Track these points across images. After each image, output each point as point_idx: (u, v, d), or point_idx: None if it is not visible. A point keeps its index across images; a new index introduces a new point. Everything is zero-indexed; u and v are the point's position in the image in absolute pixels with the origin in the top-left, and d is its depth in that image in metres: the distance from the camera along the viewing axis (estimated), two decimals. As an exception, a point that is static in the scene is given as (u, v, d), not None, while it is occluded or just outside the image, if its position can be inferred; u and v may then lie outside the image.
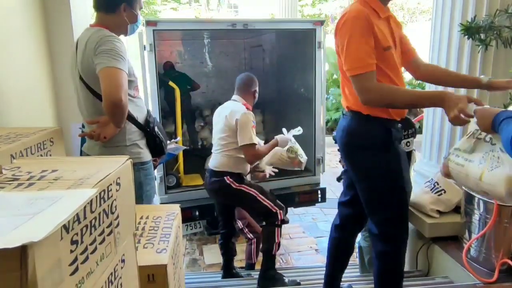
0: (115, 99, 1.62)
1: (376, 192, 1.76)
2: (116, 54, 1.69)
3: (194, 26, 3.71)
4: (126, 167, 0.94)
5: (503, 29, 2.24)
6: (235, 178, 2.70)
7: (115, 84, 1.63)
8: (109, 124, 1.74)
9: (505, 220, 2.17)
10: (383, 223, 1.79)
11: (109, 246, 0.84)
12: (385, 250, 1.82)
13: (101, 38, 1.71)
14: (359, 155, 1.75)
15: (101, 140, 1.76)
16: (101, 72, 1.66)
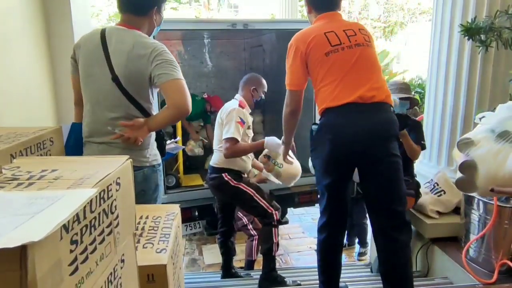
0: (187, 109, 1.72)
1: (402, 181, 1.91)
2: (177, 66, 1.75)
3: (194, 26, 3.71)
4: (126, 167, 0.94)
5: (503, 30, 2.24)
6: (233, 175, 2.71)
7: (186, 96, 1.72)
8: (142, 127, 1.73)
9: (505, 221, 2.17)
10: (404, 213, 1.90)
11: (109, 246, 0.84)
12: (407, 240, 1.93)
13: (155, 46, 1.73)
14: (396, 146, 1.92)
15: (137, 143, 1.73)
16: (168, 83, 1.70)
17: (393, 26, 19.71)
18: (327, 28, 1.93)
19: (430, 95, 2.94)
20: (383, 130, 1.85)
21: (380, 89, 1.89)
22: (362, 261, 3.76)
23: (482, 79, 2.59)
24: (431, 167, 2.93)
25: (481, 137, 1.46)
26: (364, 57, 1.90)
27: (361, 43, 1.91)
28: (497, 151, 1.35)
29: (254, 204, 2.70)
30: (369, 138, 1.82)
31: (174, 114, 1.72)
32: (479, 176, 1.40)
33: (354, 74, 1.86)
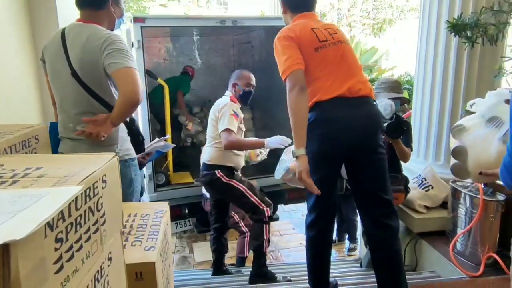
0: (137, 99, 1.67)
1: (388, 171, 1.94)
2: (129, 55, 1.73)
3: (183, 22, 3.69)
4: (112, 164, 0.93)
5: (488, 27, 2.27)
6: (226, 172, 2.71)
7: (137, 85, 1.68)
8: (106, 122, 1.72)
9: (491, 215, 2.21)
10: (392, 200, 1.94)
11: (95, 244, 0.83)
12: (398, 225, 1.97)
13: (108, 37, 1.71)
14: (381, 136, 1.96)
15: (100, 138, 1.72)
16: (118, 72, 1.67)
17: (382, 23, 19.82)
18: (311, 25, 1.94)
19: (417, 92, 2.97)
20: (371, 123, 1.88)
21: (366, 83, 1.93)
22: (352, 256, 3.79)
23: (468, 75, 2.62)
24: (419, 162, 2.96)
25: (472, 123, 1.49)
26: (347, 53, 1.93)
27: (342, 40, 1.95)
28: (485, 135, 1.38)
29: (245, 200, 2.71)
30: (360, 132, 1.84)
31: (124, 103, 1.68)
32: (469, 161, 1.43)
33: (342, 68, 1.89)
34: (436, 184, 2.68)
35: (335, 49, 1.90)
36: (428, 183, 2.69)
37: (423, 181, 2.71)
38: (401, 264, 1.92)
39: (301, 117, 1.77)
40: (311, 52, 1.86)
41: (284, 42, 1.87)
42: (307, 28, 1.90)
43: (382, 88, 2.53)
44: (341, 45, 1.92)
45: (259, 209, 2.70)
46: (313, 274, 2.04)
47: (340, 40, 1.93)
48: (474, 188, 2.30)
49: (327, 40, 1.89)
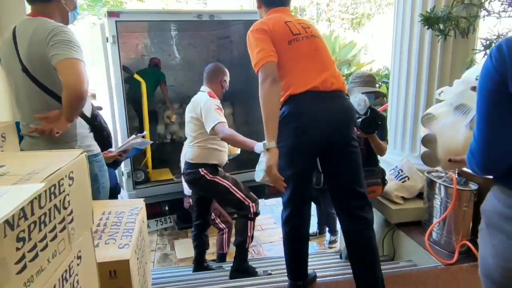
0: (81, 91, 1.59)
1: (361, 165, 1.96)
2: (74, 45, 1.66)
3: (159, 17, 3.63)
4: (80, 161, 0.91)
5: (460, 20, 2.32)
6: (209, 169, 2.69)
7: (80, 75, 1.60)
8: (60, 118, 1.67)
9: (464, 204, 2.26)
10: (366, 192, 1.95)
11: (63, 243, 0.81)
12: (372, 216, 1.96)
13: (53, 28, 1.65)
14: (354, 130, 1.99)
15: (53, 135, 1.68)
16: (61, 63, 1.61)
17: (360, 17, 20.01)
18: (285, 19, 1.92)
19: (393, 84, 3.01)
20: (344, 117, 1.89)
21: (338, 78, 1.93)
22: (333, 248, 3.84)
23: (442, 67, 2.67)
24: (396, 154, 3.01)
25: (441, 111, 1.52)
26: (321, 47, 1.94)
27: (315, 35, 1.94)
28: (453, 123, 1.41)
29: (230, 197, 2.69)
30: (333, 125, 1.84)
31: (68, 96, 1.61)
32: (438, 148, 1.46)
33: (316, 62, 1.89)
34: (412, 175, 2.73)
35: (309, 42, 1.89)
36: (404, 174, 2.73)
37: (399, 172, 2.76)
38: (376, 256, 1.93)
39: (272, 109, 1.77)
40: (284, 45, 1.85)
41: (257, 35, 1.85)
42: (281, 22, 1.89)
43: (356, 82, 2.53)
44: (314, 39, 1.92)
45: (244, 205, 2.69)
46: (291, 268, 2.06)
47: (313, 34, 1.93)
48: (449, 178, 2.35)
49: (300, 34, 1.88)
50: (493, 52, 0.96)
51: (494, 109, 0.97)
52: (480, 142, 1.01)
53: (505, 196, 1.03)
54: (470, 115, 1.36)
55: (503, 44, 0.95)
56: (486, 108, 0.99)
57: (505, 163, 1.00)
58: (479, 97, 1.00)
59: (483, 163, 1.03)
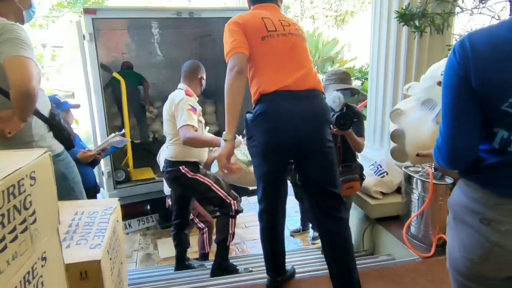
0: (27, 88, 1.52)
1: (336, 162, 1.94)
2: (22, 43, 1.59)
3: (137, 14, 3.58)
4: (43, 160, 0.89)
5: (435, 16, 2.35)
6: (190, 167, 2.66)
7: (26, 73, 1.54)
8: (12, 119, 1.61)
9: (440, 198, 2.30)
10: (340, 191, 1.93)
11: (24, 244, 0.79)
12: (347, 216, 1.96)
13: (2, 26, 1.59)
14: (329, 130, 1.92)
15: (5, 136, 1.63)
16: (7, 61, 1.54)
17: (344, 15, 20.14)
18: (264, 14, 1.91)
19: (372, 81, 3.04)
20: (317, 117, 1.85)
21: (314, 77, 1.91)
22: (316, 244, 3.86)
23: (418, 63, 2.71)
24: (375, 149, 3.05)
25: (409, 106, 1.54)
26: (297, 46, 1.90)
27: (294, 33, 1.91)
28: (420, 118, 1.43)
29: (212, 195, 2.67)
30: (306, 125, 1.81)
31: (15, 95, 1.54)
32: (406, 143, 1.48)
33: (289, 60, 1.86)
34: (391, 171, 2.76)
35: (284, 40, 1.87)
36: (383, 170, 2.77)
37: (378, 168, 2.79)
38: (351, 256, 1.92)
39: (235, 100, 1.77)
40: (257, 41, 1.84)
41: (231, 27, 1.86)
42: (257, 17, 1.88)
43: (331, 79, 2.53)
44: (291, 37, 1.89)
45: (226, 203, 2.68)
46: (268, 264, 2.06)
47: (291, 32, 1.90)
48: (425, 173, 2.39)
49: (275, 30, 1.86)
50: (456, 47, 0.98)
51: (459, 104, 0.99)
52: (445, 137, 1.02)
53: (470, 190, 1.05)
54: (436, 110, 1.38)
55: (466, 40, 0.96)
56: (451, 103, 1.00)
57: (469, 157, 1.02)
58: (444, 92, 1.02)
59: (448, 158, 1.04)
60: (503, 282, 1.05)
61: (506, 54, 0.91)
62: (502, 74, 0.91)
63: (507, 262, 1.00)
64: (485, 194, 1.00)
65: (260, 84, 1.82)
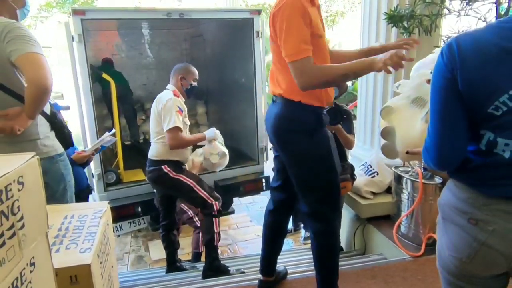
0: (46, 84, 1.57)
1: (309, 173, 1.79)
2: (30, 40, 1.62)
3: (126, 15, 3.55)
4: (31, 165, 0.88)
5: (423, 18, 2.38)
6: (173, 167, 2.66)
7: (43, 69, 1.57)
8: (20, 116, 1.63)
9: (430, 197, 2.33)
10: (317, 203, 1.82)
11: (12, 250, 0.78)
12: (319, 229, 1.87)
13: (6, 25, 1.60)
14: (292, 140, 1.76)
15: (15, 133, 1.63)
16: (21, 58, 1.57)
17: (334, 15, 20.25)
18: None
19: (362, 81, 3.06)
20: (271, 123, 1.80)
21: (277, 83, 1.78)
22: (308, 244, 3.88)
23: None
24: (365, 150, 3.07)
25: (400, 103, 1.56)
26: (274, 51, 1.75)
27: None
28: (410, 115, 1.44)
29: (194, 195, 2.68)
30: (268, 130, 1.87)
31: (33, 91, 1.59)
32: (397, 140, 1.50)
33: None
34: (381, 171, 2.78)
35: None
36: (373, 170, 2.79)
37: (369, 168, 2.81)
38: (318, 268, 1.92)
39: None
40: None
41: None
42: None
43: None
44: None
45: (207, 203, 2.69)
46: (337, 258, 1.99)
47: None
48: (415, 173, 2.42)
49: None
50: (444, 49, 0.99)
51: (446, 105, 1.00)
52: (433, 138, 1.04)
53: (459, 190, 1.06)
54: (425, 108, 1.40)
55: (453, 42, 0.97)
56: (439, 104, 1.01)
57: (457, 158, 1.03)
58: (432, 93, 1.03)
59: (437, 159, 1.06)
60: (492, 280, 1.07)
61: (491, 57, 0.92)
62: (488, 76, 0.92)
63: (494, 261, 1.02)
64: (473, 195, 1.02)
65: None
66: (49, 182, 1.78)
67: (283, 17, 1.57)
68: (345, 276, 2.22)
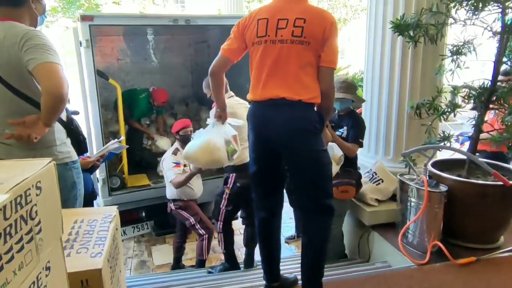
0: (61, 94, 1.59)
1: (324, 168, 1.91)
2: (49, 49, 1.65)
3: (134, 21, 3.59)
4: (48, 170, 0.90)
5: (429, 27, 2.39)
6: None
7: (59, 79, 1.60)
8: (37, 123, 1.64)
9: (435, 205, 2.33)
10: (324, 197, 1.91)
11: (30, 254, 0.79)
12: (325, 222, 1.94)
13: (26, 32, 1.63)
14: (313, 138, 1.85)
15: (32, 141, 1.65)
16: (38, 67, 1.59)
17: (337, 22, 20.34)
18: (263, 14, 1.84)
19: (366, 89, 3.08)
20: (282, 125, 1.84)
21: (296, 89, 1.81)
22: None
23: (413, 72, 2.75)
24: (370, 157, 3.07)
25: None
26: (284, 55, 1.80)
27: (285, 39, 1.77)
28: None
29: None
30: (279, 132, 1.84)
31: (49, 101, 1.60)
32: None
33: (272, 72, 1.83)
34: (386, 178, 2.79)
35: (271, 48, 1.81)
36: (378, 177, 2.79)
37: (373, 175, 2.81)
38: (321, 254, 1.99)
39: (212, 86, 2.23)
40: (251, 46, 1.89)
41: (233, 28, 1.96)
42: (256, 18, 1.85)
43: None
44: (279, 45, 1.79)
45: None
46: (263, 267, 2.12)
47: (282, 39, 1.78)
48: (420, 180, 2.42)
49: (265, 36, 1.81)
50: None
51: None
52: None
53: None
54: None
55: None
56: None
57: None
58: None
59: None
60: None
61: None
62: None
63: None
64: None
65: (251, 91, 1.94)
66: (61, 189, 1.80)
67: (335, 30, 1.83)
68: (349, 284, 2.23)
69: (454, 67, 2.41)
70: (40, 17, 1.85)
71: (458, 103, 2.48)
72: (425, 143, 2.57)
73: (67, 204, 1.84)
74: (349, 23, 19.85)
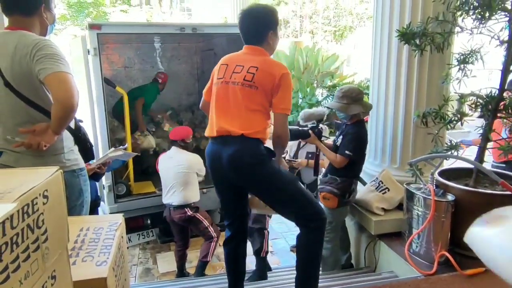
0: (72, 104, 1.62)
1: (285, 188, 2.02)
2: (60, 59, 1.67)
3: (141, 29, 3.63)
4: (55, 179, 0.90)
5: (435, 35, 2.39)
6: None
7: (70, 89, 1.63)
8: (47, 131, 1.66)
9: (442, 215, 2.30)
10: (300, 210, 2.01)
11: (36, 263, 0.80)
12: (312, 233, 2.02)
13: (37, 42, 1.65)
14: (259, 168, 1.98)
15: (41, 148, 1.67)
16: (49, 77, 1.62)
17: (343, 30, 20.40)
18: (226, 61, 2.09)
19: (372, 97, 3.07)
20: (228, 161, 1.97)
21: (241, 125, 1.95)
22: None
23: (419, 81, 2.74)
24: (376, 165, 3.05)
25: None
26: (233, 95, 1.98)
27: (237, 81, 1.97)
28: None
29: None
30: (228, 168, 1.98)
31: (59, 110, 1.64)
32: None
33: (221, 108, 2.01)
34: (392, 187, 2.77)
35: (224, 88, 2.00)
36: (384, 186, 2.77)
37: (380, 184, 2.79)
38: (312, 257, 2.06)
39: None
40: (213, 87, 2.08)
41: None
42: (219, 65, 2.10)
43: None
44: (232, 86, 1.98)
45: None
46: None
47: (235, 81, 1.98)
48: (427, 190, 2.40)
49: (222, 78, 2.03)
50: None
51: None
52: None
53: None
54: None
55: None
56: None
57: None
58: None
59: None
60: None
61: None
62: None
63: None
64: None
65: (208, 126, 2.09)
66: (68, 196, 1.82)
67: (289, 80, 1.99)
68: (356, 294, 2.21)
69: (461, 75, 2.40)
70: (50, 26, 1.89)
71: (465, 111, 2.47)
72: (431, 152, 2.55)
73: (73, 211, 1.85)
74: (355, 30, 19.92)
